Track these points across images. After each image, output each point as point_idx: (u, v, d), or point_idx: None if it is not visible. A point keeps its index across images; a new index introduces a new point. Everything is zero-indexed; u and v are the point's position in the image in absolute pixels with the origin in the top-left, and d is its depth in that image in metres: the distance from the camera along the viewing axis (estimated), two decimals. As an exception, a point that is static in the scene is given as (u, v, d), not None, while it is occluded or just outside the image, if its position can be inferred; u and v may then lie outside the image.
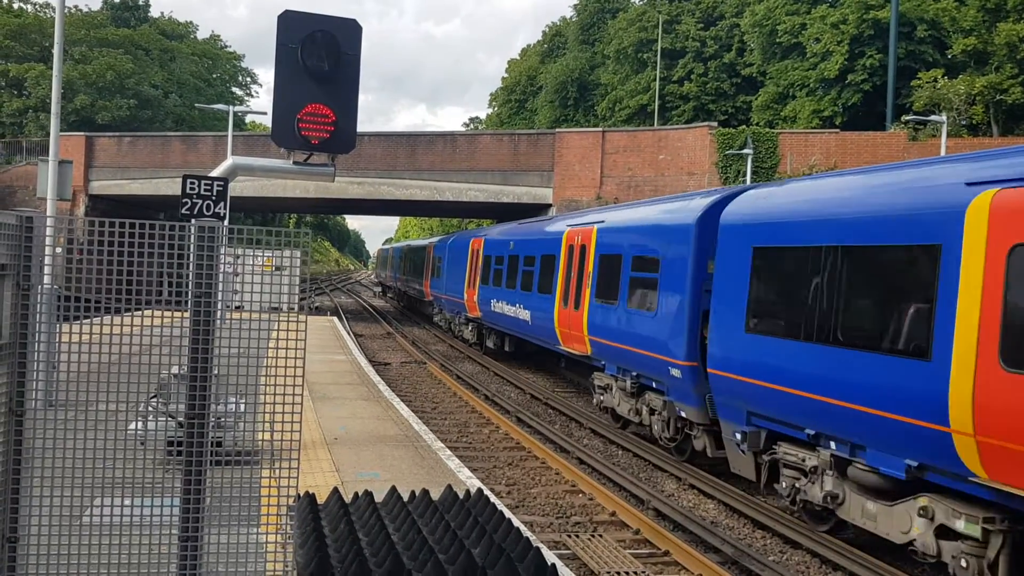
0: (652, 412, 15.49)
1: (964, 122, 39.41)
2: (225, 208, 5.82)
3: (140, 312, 5.30)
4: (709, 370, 12.74)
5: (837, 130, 38.93)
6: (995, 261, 8.24)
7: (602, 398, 17.90)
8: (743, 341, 11.90)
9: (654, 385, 15.23)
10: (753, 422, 11.81)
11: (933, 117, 33.28)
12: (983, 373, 8.09)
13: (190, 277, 5.12)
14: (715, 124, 40.42)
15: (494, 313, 27.15)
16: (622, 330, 16.33)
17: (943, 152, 30.23)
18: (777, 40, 51.09)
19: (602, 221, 18.68)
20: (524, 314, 23.53)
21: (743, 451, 12.12)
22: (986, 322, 8.21)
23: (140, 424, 8.65)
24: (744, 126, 41.49)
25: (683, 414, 14.12)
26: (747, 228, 12.26)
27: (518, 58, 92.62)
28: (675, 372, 14.02)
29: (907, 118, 35.18)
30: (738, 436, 12.11)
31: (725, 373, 12.29)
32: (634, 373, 15.99)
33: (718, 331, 12.61)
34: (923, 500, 9.05)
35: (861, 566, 9.85)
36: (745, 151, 35.42)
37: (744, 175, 35.60)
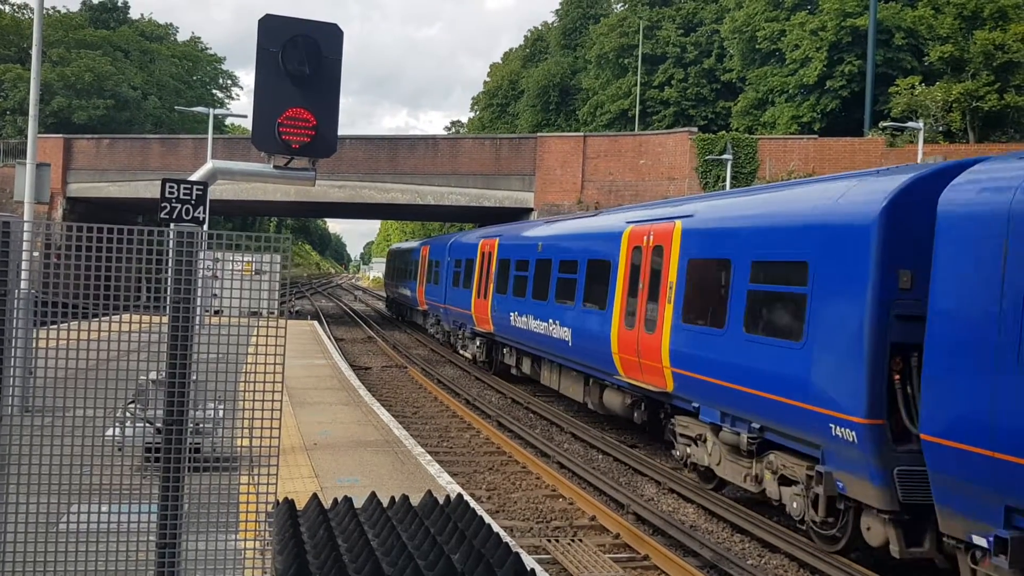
0: (786, 483, 11.03)
1: (941, 129, 39.81)
2: (204, 212, 5.79)
3: (118, 317, 5.27)
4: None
5: (815, 136, 39.23)
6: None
7: (689, 451, 13.55)
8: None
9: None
10: (1016, 523, 7.55)
11: (910, 124, 33.66)
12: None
13: (168, 282, 5.10)
14: (695, 129, 40.63)
15: None
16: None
17: (920, 158, 30.51)
18: (756, 46, 51.42)
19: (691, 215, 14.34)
20: None
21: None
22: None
23: (118, 430, 8.60)
24: (724, 131, 41.69)
25: (847, 491, 9.80)
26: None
27: (500, 62, 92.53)
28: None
29: (885, 124, 35.57)
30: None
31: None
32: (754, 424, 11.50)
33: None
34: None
35: (839, 570, 9.91)
36: (724, 156, 35.65)
37: (724, 180, 35.81)
